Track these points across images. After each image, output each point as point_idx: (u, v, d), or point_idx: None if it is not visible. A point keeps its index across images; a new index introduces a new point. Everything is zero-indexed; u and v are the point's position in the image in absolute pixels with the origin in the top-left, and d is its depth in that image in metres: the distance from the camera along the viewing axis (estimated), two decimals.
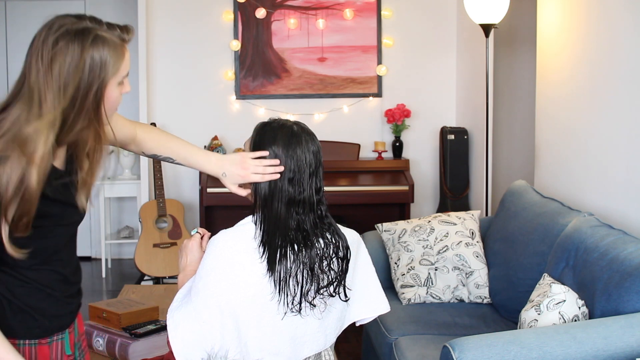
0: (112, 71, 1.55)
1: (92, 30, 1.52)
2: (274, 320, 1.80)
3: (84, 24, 1.52)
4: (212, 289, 1.76)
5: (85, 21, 1.53)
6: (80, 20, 1.53)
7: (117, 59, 1.55)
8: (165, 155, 1.98)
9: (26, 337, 1.63)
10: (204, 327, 1.75)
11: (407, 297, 3.26)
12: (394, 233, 3.45)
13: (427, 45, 5.45)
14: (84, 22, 1.53)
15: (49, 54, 1.49)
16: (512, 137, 4.80)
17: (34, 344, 1.64)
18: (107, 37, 1.53)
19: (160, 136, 2.00)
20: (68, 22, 1.52)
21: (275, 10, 5.32)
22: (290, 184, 1.83)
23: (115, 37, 1.55)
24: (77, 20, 1.53)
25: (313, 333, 1.87)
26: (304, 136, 1.86)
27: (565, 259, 2.69)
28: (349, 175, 5.11)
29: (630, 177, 2.96)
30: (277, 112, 5.29)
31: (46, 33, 1.51)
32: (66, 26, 1.51)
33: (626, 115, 2.99)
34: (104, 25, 1.55)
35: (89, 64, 1.51)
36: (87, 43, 1.50)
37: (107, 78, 1.54)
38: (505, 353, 2.08)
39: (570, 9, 3.49)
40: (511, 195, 3.41)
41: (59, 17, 1.54)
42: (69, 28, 1.50)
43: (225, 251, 1.78)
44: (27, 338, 1.63)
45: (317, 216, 1.86)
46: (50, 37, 1.50)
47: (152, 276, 4.98)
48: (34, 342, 1.64)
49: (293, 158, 1.83)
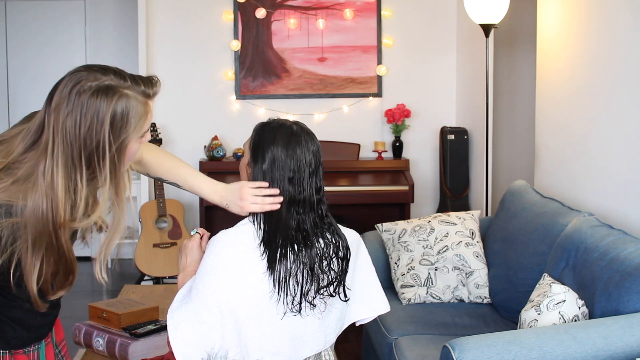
0: (134, 131, 1.51)
1: (116, 89, 1.47)
2: (274, 320, 1.80)
3: (107, 81, 1.47)
4: (212, 289, 1.76)
5: (109, 76, 1.48)
6: (104, 75, 1.47)
7: (139, 119, 1.51)
8: (172, 181, 1.96)
9: (3, 347, 1.63)
10: (204, 327, 1.75)
11: (407, 297, 3.26)
12: (394, 233, 3.45)
13: (427, 45, 5.45)
14: (108, 78, 1.47)
15: (70, 109, 1.45)
16: (512, 137, 4.80)
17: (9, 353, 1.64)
18: (130, 95, 1.48)
19: (167, 161, 1.95)
20: (91, 77, 1.46)
21: (275, 10, 5.32)
22: (290, 183, 1.83)
23: (139, 95, 1.50)
24: (101, 75, 1.47)
25: (313, 333, 1.87)
26: (304, 136, 1.86)
27: (565, 259, 2.69)
28: (349, 175, 5.11)
29: (630, 177, 2.96)
30: (277, 112, 5.29)
31: (70, 87, 1.46)
32: (89, 82, 1.46)
33: (626, 115, 2.99)
34: (128, 81, 1.49)
35: (111, 124, 1.46)
36: (110, 103, 1.46)
37: (128, 139, 1.50)
38: (505, 353, 2.08)
39: (570, 9, 3.49)
40: (511, 195, 3.41)
41: (82, 70, 1.48)
42: (92, 84, 1.45)
43: (225, 251, 1.78)
44: (3, 348, 1.63)
45: (317, 216, 1.86)
46: (73, 92, 1.45)
47: (152, 276, 4.98)
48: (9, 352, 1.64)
49: (293, 158, 1.83)
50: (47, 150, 1.46)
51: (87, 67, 1.49)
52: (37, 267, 1.47)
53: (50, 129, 1.46)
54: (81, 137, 1.45)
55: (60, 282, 1.56)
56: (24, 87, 5.98)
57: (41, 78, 5.97)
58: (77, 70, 1.48)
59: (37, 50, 5.97)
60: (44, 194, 1.45)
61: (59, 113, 1.45)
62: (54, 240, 1.48)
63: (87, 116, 1.44)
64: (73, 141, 1.45)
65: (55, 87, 1.49)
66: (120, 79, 1.48)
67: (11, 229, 1.46)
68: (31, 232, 1.46)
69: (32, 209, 1.45)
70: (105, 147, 1.47)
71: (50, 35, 5.97)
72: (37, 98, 5.95)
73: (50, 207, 1.45)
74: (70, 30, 5.99)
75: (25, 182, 1.46)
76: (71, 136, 1.45)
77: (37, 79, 5.98)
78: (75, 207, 1.50)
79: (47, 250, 1.48)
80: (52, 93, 1.48)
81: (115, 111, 1.46)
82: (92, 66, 1.49)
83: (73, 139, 1.45)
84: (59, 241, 1.49)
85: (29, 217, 1.45)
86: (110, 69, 1.50)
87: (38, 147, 1.48)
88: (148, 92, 1.52)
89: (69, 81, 1.46)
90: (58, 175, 1.45)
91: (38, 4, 5.94)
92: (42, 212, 1.45)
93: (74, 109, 1.44)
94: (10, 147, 1.51)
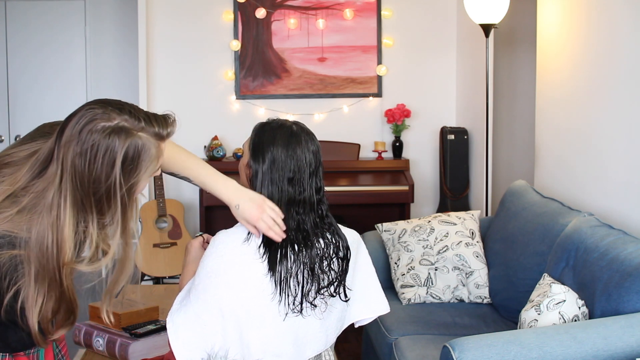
0: (145, 174, 1.47)
1: (129, 132, 1.42)
2: (276, 321, 1.80)
3: (121, 122, 1.42)
4: (213, 290, 1.75)
5: (123, 116, 1.43)
6: (119, 115, 1.42)
7: (150, 162, 1.46)
8: (183, 175, 1.90)
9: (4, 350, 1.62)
10: (205, 329, 1.75)
11: (407, 297, 3.26)
12: (394, 233, 3.45)
13: (427, 45, 5.45)
14: (122, 119, 1.42)
15: (81, 148, 1.40)
16: (512, 137, 4.79)
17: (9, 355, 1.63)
18: (143, 138, 1.44)
19: (179, 155, 1.89)
20: (105, 117, 1.41)
21: (275, 10, 5.32)
22: (290, 184, 1.83)
23: (152, 137, 1.45)
24: (116, 115, 1.42)
25: (315, 333, 1.87)
26: (304, 136, 1.86)
27: (565, 259, 2.69)
28: (349, 175, 5.11)
29: (630, 177, 2.96)
30: (277, 112, 5.29)
31: (83, 125, 1.41)
32: (103, 121, 1.41)
33: (626, 115, 2.99)
34: (142, 122, 1.44)
35: (122, 167, 1.42)
36: (122, 146, 1.41)
37: (138, 181, 1.47)
38: (505, 353, 2.08)
39: (570, 9, 3.49)
40: (511, 195, 3.41)
41: (97, 108, 1.43)
42: (105, 125, 1.40)
43: (225, 252, 1.78)
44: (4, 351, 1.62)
45: (317, 216, 1.86)
46: (85, 130, 1.40)
47: (152, 276, 4.98)
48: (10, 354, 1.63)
49: (293, 158, 1.83)
50: (54, 183, 1.42)
51: (103, 104, 1.44)
52: (39, 303, 1.44)
53: (59, 163, 1.42)
54: (91, 178, 1.41)
55: (61, 321, 1.53)
56: (24, 87, 5.98)
57: (41, 78, 5.98)
58: (92, 107, 1.43)
59: (37, 50, 5.97)
60: (50, 228, 1.42)
61: (69, 149, 1.41)
62: (57, 277, 1.45)
63: (97, 157, 1.40)
64: (82, 181, 1.41)
65: (68, 120, 1.44)
66: (135, 120, 1.43)
67: (13, 260, 1.43)
68: (34, 266, 1.42)
69: (37, 242, 1.42)
70: (116, 189, 1.43)
71: (50, 35, 5.97)
72: (37, 98, 5.96)
73: (55, 243, 1.42)
74: (70, 30, 5.99)
75: (30, 213, 1.43)
76: (80, 175, 1.41)
77: (37, 79, 5.98)
78: (81, 247, 1.47)
79: (50, 286, 1.45)
80: (64, 126, 1.43)
81: (127, 154, 1.42)
82: (107, 103, 1.45)
83: (82, 179, 1.41)
84: (61, 279, 1.46)
85: (33, 249, 1.42)
86: (125, 108, 1.45)
87: (45, 178, 1.44)
88: (162, 134, 1.47)
89: (82, 118, 1.42)
90: (66, 213, 1.41)
91: (38, 4, 5.94)
92: (46, 247, 1.42)
93: (85, 149, 1.40)
94: (18, 174, 1.47)
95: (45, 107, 5.99)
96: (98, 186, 1.42)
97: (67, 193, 1.41)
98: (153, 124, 1.46)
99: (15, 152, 1.53)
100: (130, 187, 1.46)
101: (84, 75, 6.01)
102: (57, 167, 1.42)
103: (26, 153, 1.51)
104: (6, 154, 1.53)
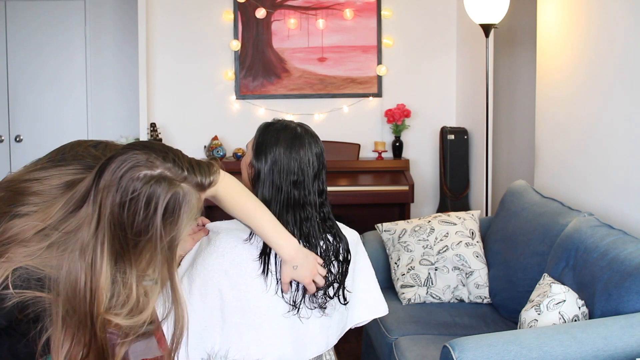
0: (186, 226, 1.40)
1: (172, 182, 1.35)
2: (276, 322, 1.80)
3: (165, 172, 1.35)
4: (213, 289, 1.75)
5: (167, 164, 1.36)
6: (162, 164, 1.36)
7: (191, 212, 1.39)
8: (245, 223, 1.81)
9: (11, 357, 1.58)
10: (205, 330, 1.75)
11: (407, 297, 3.26)
12: (394, 233, 3.45)
13: (427, 45, 5.45)
14: (165, 168, 1.36)
15: (121, 197, 1.33)
16: (512, 137, 4.79)
17: None
18: (185, 189, 1.37)
19: (242, 202, 1.76)
20: (148, 164, 1.34)
21: (275, 10, 5.32)
22: (293, 186, 1.83)
23: (194, 187, 1.39)
24: (159, 163, 1.36)
25: (315, 335, 1.87)
26: (307, 138, 1.86)
27: (565, 259, 2.69)
28: (349, 175, 5.11)
29: (630, 177, 2.96)
30: (277, 112, 5.29)
31: (124, 171, 1.34)
32: (145, 169, 1.34)
33: (626, 115, 2.99)
34: (185, 171, 1.37)
35: (162, 218, 1.35)
36: (165, 197, 1.34)
37: (179, 233, 1.39)
38: (505, 353, 2.08)
39: (570, 9, 3.49)
40: (511, 195, 3.41)
41: (139, 153, 1.36)
42: (147, 173, 1.33)
43: (226, 252, 1.77)
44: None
45: (319, 218, 1.86)
46: (126, 177, 1.33)
47: None
48: None
49: (296, 160, 1.83)
50: (89, 225, 1.34)
51: (147, 150, 1.37)
52: (65, 347, 1.35)
53: (96, 207, 1.34)
54: (131, 228, 1.33)
55: None
56: (24, 87, 5.98)
57: (41, 78, 5.97)
58: (135, 152, 1.36)
59: (37, 50, 5.97)
60: (84, 272, 1.33)
61: (108, 195, 1.33)
62: (89, 323, 1.35)
63: (139, 207, 1.33)
64: (122, 230, 1.34)
65: (109, 162, 1.36)
66: (178, 169, 1.37)
67: (39, 300, 1.35)
68: (63, 307, 1.34)
69: (67, 283, 1.33)
70: (157, 241, 1.35)
71: (50, 35, 5.97)
72: (37, 98, 5.96)
73: (89, 289, 1.33)
74: (70, 30, 5.99)
75: (60, 250, 1.35)
76: (120, 224, 1.34)
77: (37, 79, 5.98)
78: (118, 299, 1.38)
79: (79, 330, 1.35)
80: (103, 167, 1.35)
81: (168, 205, 1.35)
82: (151, 149, 1.37)
83: (122, 228, 1.34)
84: (94, 327, 1.35)
85: (62, 290, 1.34)
86: (169, 155, 1.38)
87: (79, 217, 1.36)
88: (204, 185, 1.41)
89: (124, 163, 1.34)
90: (103, 260, 1.34)
91: (38, 4, 5.94)
92: (79, 290, 1.33)
93: (125, 197, 1.33)
94: (50, 210, 1.39)
95: (45, 107, 5.99)
96: (138, 237, 1.34)
97: (104, 240, 1.33)
98: (196, 174, 1.39)
99: (45, 178, 1.45)
100: (171, 240, 1.38)
101: (84, 76, 6.01)
102: (94, 210, 1.34)
103: (58, 182, 1.43)
104: (35, 179, 1.44)
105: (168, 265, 1.39)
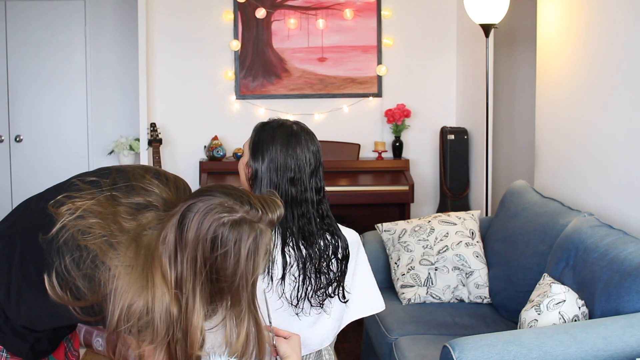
0: (262, 262, 1.43)
1: (252, 224, 1.39)
2: (273, 319, 1.80)
3: (246, 216, 1.39)
4: None
5: (245, 207, 1.39)
6: (240, 207, 1.39)
7: (266, 249, 1.43)
8: None
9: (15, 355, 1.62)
10: None
11: (407, 297, 3.25)
12: (394, 233, 3.45)
13: (427, 45, 5.45)
14: (243, 211, 1.39)
15: (208, 242, 1.37)
16: (512, 137, 4.79)
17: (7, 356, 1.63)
18: (263, 229, 1.41)
19: None
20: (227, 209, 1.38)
21: (275, 10, 5.32)
22: (290, 183, 1.83)
23: (267, 226, 1.43)
24: (238, 208, 1.39)
25: (311, 332, 1.87)
26: (304, 135, 1.86)
27: (565, 259, 2.69)
28: (349, 175, 5.11)
29: (630, 177, 2.96)
30: (277, 112, 5.29)
31: (209, 221, 1.38)
32: (226, 214, 1.38)
33: (626, 115, 2.99)
34: (259, 211, 1.41)
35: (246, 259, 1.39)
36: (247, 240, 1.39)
37: (258, 270, 1.43)
38: (505, 353, 2.08)
39: (570, 9, 3.49)
40: (511, 195, 3.40)
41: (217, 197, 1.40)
42: (230, 218, 1.38)
43: None
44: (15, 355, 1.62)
45: (317, 216, 1.86)
46: (211, 226, 1.37)
47: None
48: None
49: (293, 157, 1.83)
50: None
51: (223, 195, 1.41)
52: None
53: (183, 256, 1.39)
54: (221, 272, 1.39)
55: None
56: (24, 86, 5.98)
57: (41, 78, 5.97)
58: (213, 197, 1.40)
59: (37, 49, 5.97)
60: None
61: (197, 244, 1.38)
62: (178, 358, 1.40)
63: (228, 253, 1.38)
64: (209, 275, 1.39)
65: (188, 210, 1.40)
66: (254, 210, 1.40)
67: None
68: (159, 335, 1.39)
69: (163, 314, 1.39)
70: (243, 282, 1.41)
71: (50, 35, 5.97)
72: (37, 98, 5.96)
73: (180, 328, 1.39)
74: (70, 30, 5.99)
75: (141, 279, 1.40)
76: (210, 270, 1.38)
77: (36, 79, 5.98)
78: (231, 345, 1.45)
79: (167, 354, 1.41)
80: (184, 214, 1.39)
81: (250, 247, 1.39)
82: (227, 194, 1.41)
83: (210, 273, 1.39)
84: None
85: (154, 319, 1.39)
86: (244, 198, 1.41)
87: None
88: (274, 221, 1.44)
89: (207, 212, 1.38)
90: (195, 302, 1.39)
91: (38, 4, 5.94)
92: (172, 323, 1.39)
93: (211, 244, 1.37)
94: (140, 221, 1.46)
95: (45, 106, 5.99)
96: (225, 280, 1.40)
97: (195, 284, 1.38)
98: (268, 212, 1.43)
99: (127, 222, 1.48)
100: (255, 278, 1.43)
101: (83, 75, 6.01)
102: (184, 257, 1.38)
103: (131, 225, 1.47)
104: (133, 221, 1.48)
105: (252, 302, 1.46)
